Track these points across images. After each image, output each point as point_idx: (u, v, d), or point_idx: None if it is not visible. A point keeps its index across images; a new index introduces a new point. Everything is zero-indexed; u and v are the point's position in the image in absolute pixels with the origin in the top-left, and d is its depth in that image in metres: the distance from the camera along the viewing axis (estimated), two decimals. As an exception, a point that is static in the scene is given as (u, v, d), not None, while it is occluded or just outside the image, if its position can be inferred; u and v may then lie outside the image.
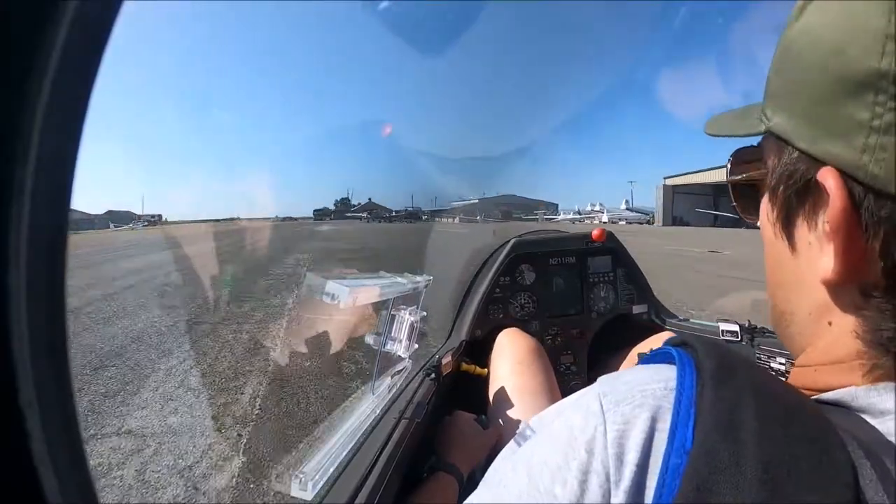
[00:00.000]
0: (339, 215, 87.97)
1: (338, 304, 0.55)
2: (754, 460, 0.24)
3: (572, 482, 0.28)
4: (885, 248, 0.27)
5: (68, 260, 0.20)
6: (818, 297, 0.32)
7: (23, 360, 0.18)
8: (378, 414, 0.78)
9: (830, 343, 0.32)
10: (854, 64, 0.26)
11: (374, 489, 0.61)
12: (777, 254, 0.36)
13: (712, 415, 0.27)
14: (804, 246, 0.33)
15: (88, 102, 0.19)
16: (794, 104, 0.31)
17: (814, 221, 0.31)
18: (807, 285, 0.33)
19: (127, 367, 3.62)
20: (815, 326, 0.33)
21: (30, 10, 0.17)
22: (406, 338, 0.83)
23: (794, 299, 0.35)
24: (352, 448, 0.66)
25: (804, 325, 0.34)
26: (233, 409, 2.91)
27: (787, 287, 0.36)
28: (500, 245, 1.49)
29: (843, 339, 0.31)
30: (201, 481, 2.16)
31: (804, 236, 0.32)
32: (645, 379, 0.31)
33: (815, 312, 0.33)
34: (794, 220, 0.33)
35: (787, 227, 0.34)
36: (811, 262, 0.32)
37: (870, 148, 0.26)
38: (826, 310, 0.32)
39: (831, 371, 0.32)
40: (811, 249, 0.32)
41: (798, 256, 0.33)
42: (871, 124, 0.26)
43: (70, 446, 0.20)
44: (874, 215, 0.27)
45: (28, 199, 0.17)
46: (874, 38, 0.25)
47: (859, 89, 0.26)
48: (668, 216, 43.61)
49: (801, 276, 0.33)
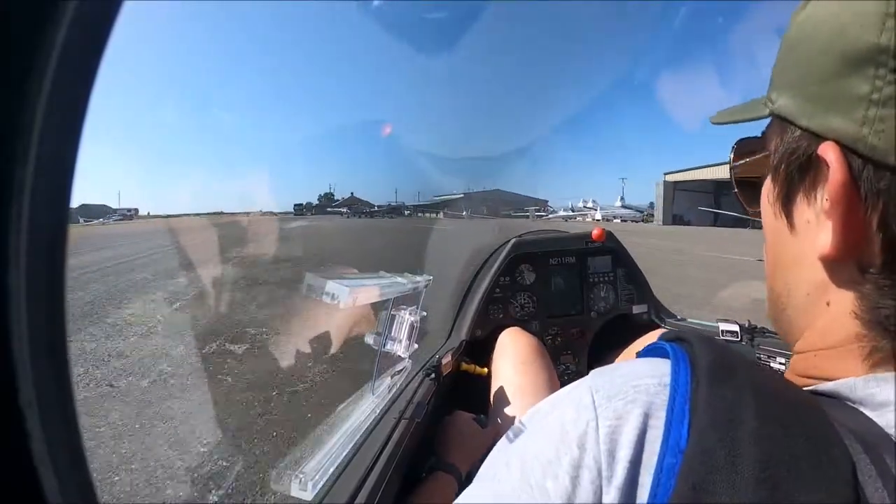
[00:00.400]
0: (321, 210, 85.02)
1: (338, 303, 0.54)
2: (751, 459, 0.24)
3: (564, 477, 0.28)
4: (883, 221, 0.27)
5: (68, 259, 0.20)
6: (816, 275, 0.32)
7: (23, 360, 0.18)
8: (378, 414, 0.78)
9: (828, 324, 0.32)
10: (855, 41, 0.27)
11: (374, 489, 0.61)
12: (776, 234, 0.36)
13: (708, 413, 0.26)
14: (803, 224, 0.33)
15: (88, 102, 0.19)
16: (798, 85, 0.32)
17: (813, 197, 0.31)
18: (805, 264, 0.33)
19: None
20: (814, 307, 0.33)
21: (30, 10, 0.17)
22: (406, 338, 0.83)
23: (792, 280, 0.35)
24: (352, 448, 0.66)
25: (802, 306, 0.34)
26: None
27: (785, 268, 0.36)
28: (501, 245, 1.49)
29: (840, 319, 0.31)
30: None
31: (803, 213, 0.33)
32: (638, 373, 0.31)
33: (813, 292, 0.33)
34: (793, 197, 0.33)
35: (787, 205, 0.34)
36: (810, 239, 0.32)
37: (869, 120, 0.27)
38: (824, 289, 0.32)
39: (830, 356, 0.32)
40: (810, 227, 0.32)
41: (797, 235, 0.34)
42: (871, 97, 0.26)
43: (70, 446, 0.20)
44: (873, 187, 0.27)
45: (28, 198, 0.17)
46: (874, 16, 0.26)
47: (860, 64, 0.27)
48: (668, 214, 41.16)
49: (799, 255, 0.34)
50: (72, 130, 0.19)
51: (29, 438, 0.18)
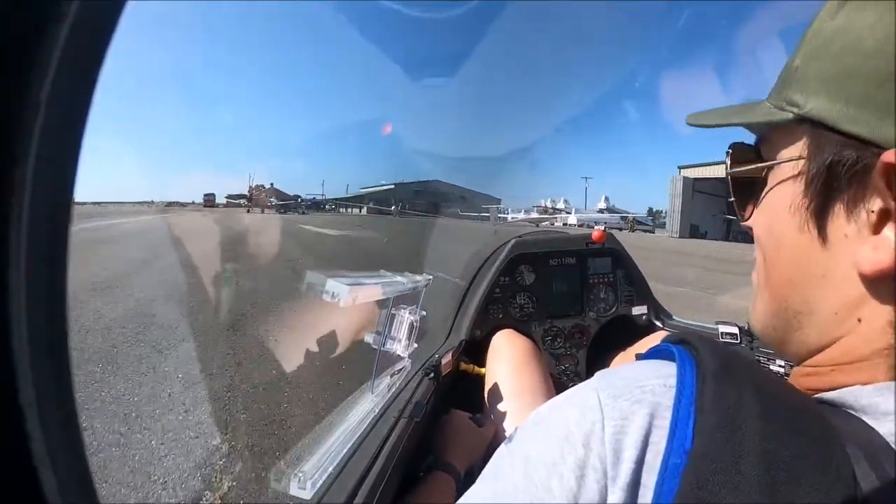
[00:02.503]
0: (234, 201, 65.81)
1: (338, 302, 0.54)
2: (755, 462, 0.24)
3: (569, 477, 0.28)
4: None
5: (69, 259, 0.20)
6: (847, 292, 0.30)
7: (23, 360, 0.18)
8: (377, 413, 0.78)
9: (856, 341, 0.30)
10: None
11: (372, 488, 0.62)
12: (799, 249, 0.33)
13: (713, 414, 0.26)
14: (839, 238, 0.31)
15: (90, 102, 0.19)
16: (840, 88, 0.30)
17: (856, 210, 0.29)
18: (834, 281, 0.31)
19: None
20: (841, 325, 0.31)
21: (30, 10, 0.17)
22: (405, 337, 0.83)
23: (817, 296, 0.33)
24: (351, 447, 0.66)
25: (826, 324, 0.32)
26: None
27: (808, 284, 0.33)
28: (501, 245, 1.49)
29: (873, 335, 0.29)
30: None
31: (840, 227, 0.30)
32: (644, 375, 0.31)
33: (842, 310, 0.31)
34: (830, 209, 0.31)
35: (821, 217, 0.31)
36: (846, 254, 0.30)
37: None
38: (856, 305, 0.30)
39: (849, 370, 0.31)
40: (847, 241, 0.30)
41: (829, 249, 0.31)
42: None
43: (70, 446, 0.20)
44: None
45: (28, 198, 0.17)
46: None
47: None
48: (685, 223, 30.76)
49: (829, 270, 0.31)
50: (72, 130, 0.19)
51: (29, 438, 0.18)
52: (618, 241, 1.51)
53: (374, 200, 66.83)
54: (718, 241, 26.62)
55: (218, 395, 3.06)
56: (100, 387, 3.07)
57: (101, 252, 9.13)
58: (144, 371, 3.41)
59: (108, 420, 2.66)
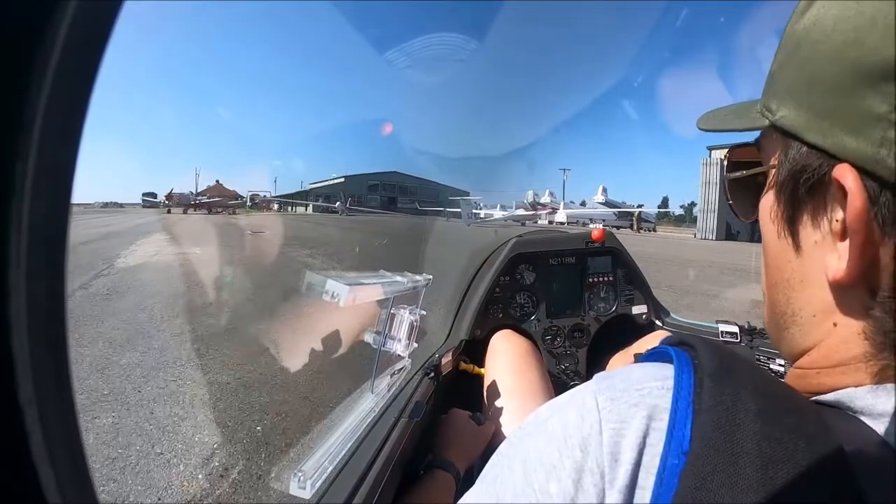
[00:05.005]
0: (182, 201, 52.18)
1: (338, 302, 0.55)
2: (753, 462, 0.25)
3: (566, 480, 0.28)
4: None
5: (68, 259, 0.20)
6: (823, 297, 0.31)
7: (23, 358, 0.18)
8: (377, 413, 0.78)
9: (834, 344, 0.31)
10: (872, 55, 0.25)
11: (372, 488, 0.62)
12: (781, 254, 0.35)
13: (711, 415, 0.26)
14: (810, 245, 0.32)
15: (89, 102, 0.19)
16: (804, 97, 0.30)
17: (821, 219, 0.30)
18: (812, 285, 0.32)
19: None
20: (819, 328, 0.32)
21: (30, 10, 0.17)
22: (405, 337, 0.83)
23: (799, 300, 0.34)
24: (351, 447, 0.66)
25: (807, 326, 0.33)
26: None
27: (790, 288, 0.34)
28: (501, 245, 1.49)
29: (847, 341, 0.30)
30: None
31: (810, 235, 0.31)
32: (642, 377, 0.31)
33: (819, 314, 0.32)
34: (799, 217, 0.32)
35: (792, 224, 0.33)
36: (817, 260, 0.31)
37: (888, 141, 0.25)
38: (831, 311, 0.31)
39: (833, 374, 0.31)
40: (818, 248, 0.31)
41: (803, 256, 0.33)
42: (890, 117, 0.25)
43: (69, 445, 0.20)
44: (891, 213, 0.26)
45: (28, 198, 0.17)
46: (894, 27, 0.24)
47: (877, 81, 0.25)
48: (722, 222, 25.48)
49: (806, 276, 0.33)
50: (72, 130, 0.19)
51: (28, 437, 0.18)
52: (617, 240, 1.50)
53: (321, 196, 59.00)
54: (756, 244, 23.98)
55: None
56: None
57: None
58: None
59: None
